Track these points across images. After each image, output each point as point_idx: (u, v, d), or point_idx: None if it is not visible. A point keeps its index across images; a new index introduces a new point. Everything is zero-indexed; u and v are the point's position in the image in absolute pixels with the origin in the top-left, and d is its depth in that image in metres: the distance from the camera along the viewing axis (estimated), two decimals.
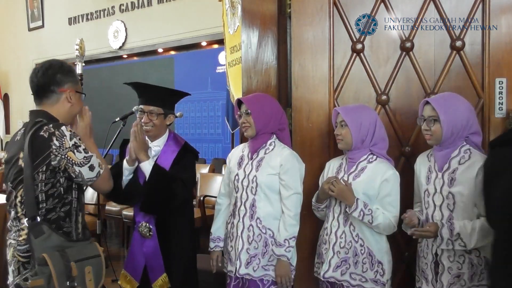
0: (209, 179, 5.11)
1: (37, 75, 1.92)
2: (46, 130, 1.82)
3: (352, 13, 2.41)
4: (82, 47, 4.36)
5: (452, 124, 1.96)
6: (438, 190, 2.03)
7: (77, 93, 1.99)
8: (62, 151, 1.81)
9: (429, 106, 2.02)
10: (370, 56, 2.41)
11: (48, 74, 1.92)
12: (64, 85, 1.94)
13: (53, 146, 1.80)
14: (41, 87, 1.93)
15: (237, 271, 2.19)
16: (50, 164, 1.81)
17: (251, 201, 2.18)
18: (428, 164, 2.10)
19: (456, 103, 2.01)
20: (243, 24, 2.63)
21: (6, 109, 10.32)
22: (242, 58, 2.65)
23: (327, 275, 2.13)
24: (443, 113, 1.97)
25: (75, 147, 1.84)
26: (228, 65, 3.85)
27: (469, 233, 1.91)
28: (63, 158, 1.82)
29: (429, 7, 2.37)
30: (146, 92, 2.35)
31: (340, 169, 2.20)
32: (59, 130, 1.83)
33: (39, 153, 1.80)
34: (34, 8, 9.70)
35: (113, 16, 8.27)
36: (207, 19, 6.45)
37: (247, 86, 2.60)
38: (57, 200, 1.85)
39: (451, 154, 2.01)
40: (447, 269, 1.99)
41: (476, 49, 2.35)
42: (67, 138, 1.83)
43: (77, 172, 1.85)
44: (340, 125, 2.16)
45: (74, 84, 1.99)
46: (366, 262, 2.10)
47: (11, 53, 10.36)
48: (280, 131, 2.24)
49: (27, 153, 1.80)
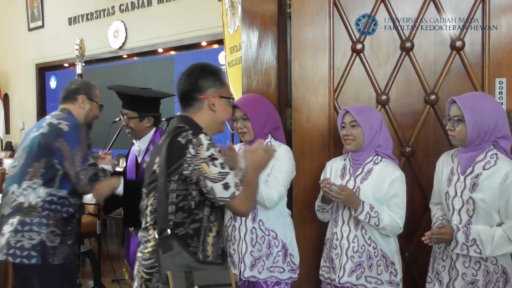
0: None
1: (180, 82, 1.78)
2: (184, 136, 1.64)
3: (352, 13, 2.41)
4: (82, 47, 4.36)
5: (478, 126, 1.85)
6: (458, 193, 1.94)
7: (222, 98, 1.78)
8: (195, 161, 1.61)
9: (455, 106, 1.92)
10: (370, 56, 2.41)
11: (189, 80, 1.76)
12: (205, 91, 1.75)
13: (188, 154, 1.61)
14: (183, 94, 1.78)
15: (242, 274, 2.17)
16: (182, 173, 1.62)
17: None
18: (451, 165, 2.01)
19: (484, 103, 1.90)
20: (243, 24, 2.63)
21: (6, 109, 10.31)
22: (242, 58, 2.65)
23: (342, 280, 2.10)
24: (468, 113, 1.85)
25: (211, 159, 1.62)
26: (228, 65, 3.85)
27: (485, 240, 1.84)
28: (195, 169, 1.61)
29: (429, 7, 2.37)
30: (122, 97, 2.47)
31: (345, 171, 2.17)
32: (197, 137, 1.63)
33: (174, 160, 1.62)
34: (34, 8, 9.69)
35: (113, 16, 8.27)
36: (207, 19, 6.44)
37: (247, 86, 2.60)
38: (187, 215, 1.65)
39: (476, 157, 1.91)
40: (461, 275, 1.93)
41: (476, 49, 2.35)
42: (203, 147, 1.62)
43: (209, 187, 1.63)
44: (350, 126, 2.10)
45: (218, 89, 1.78)
46: (380, 264, 2.08)
47: (11, 53, 10.35)
48: (275, 130, 2.24)
49: (163, 159, 1.64)
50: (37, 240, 2.16)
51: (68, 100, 2.43)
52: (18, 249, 2.15)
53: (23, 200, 2.19)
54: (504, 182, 1.84)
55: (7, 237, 2.18)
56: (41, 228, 2.17)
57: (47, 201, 2.20)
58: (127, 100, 2.44)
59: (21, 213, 2.18)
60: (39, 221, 2.17)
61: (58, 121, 2.30)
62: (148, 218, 1.71)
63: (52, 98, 9.87)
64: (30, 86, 10.06)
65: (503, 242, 1.83)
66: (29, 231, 2.16)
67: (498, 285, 1.90)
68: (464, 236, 1.88)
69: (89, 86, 2.48)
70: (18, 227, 2.17)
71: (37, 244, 2.15)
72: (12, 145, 10.33)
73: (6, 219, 2.21)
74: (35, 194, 2.19)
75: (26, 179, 2.20)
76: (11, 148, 10.14)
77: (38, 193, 2.19)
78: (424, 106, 2.38)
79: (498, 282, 1.90)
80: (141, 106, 2.41)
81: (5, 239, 2.18)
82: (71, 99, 2.42)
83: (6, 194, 2.27)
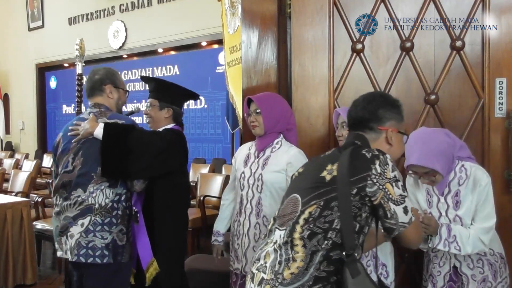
0: (209, 179, 5.11)
1: (356, 109, 1.65)
2: (368, 151, 1.50)
3: (352, 13, 2.41)
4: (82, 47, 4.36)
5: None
6: (443, 213, 1.98)
7: (399, 133, 1.66)
8: (381, 180, 1.45)
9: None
10: (370, 56, 2.41)
11: (369, 108, 1.63)
12: (385, 123, 1.62)
13: (374, 170, 1.45)
14: (358, 121, 1.64)
15: (243, 269, 2.19)
16: (364, 189, 1.45)
17: (257, 199, 2.18)
18: (424, 188, 2.03)
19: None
20: (243, 24, 2.63)
21: (6, 109, 10.33)
22: (242, 58, 2.65)
23: None
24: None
25: (395, 180, 1.48)
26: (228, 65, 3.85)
27: (465, 237, 1.90)
28: (380, 188, 1.45)
29: (429, 7, 2.36)
30: (149, 85, 2.53)
31: None
32: (384, 156, 1.49)
33: (358, 171, 1.46)
34: (34, 8, 9.70)
35: (113, 16, 8.28)
36: (207, 19, 6.45)
37: (247, 86, 2.61)
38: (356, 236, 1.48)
39: (448, 178, 1.95)
40: (471, 277, 1.98)
41: (476, 49, 2.35)
42: (389, 167, 1.48)
43: (392, 210, 1.47)
44: (341, 126, 2.15)
45: (398, 122, 1.65)
46: (370, 265, 2.09)
47: (11, 53, 10.36)
48: (288, 131, 2.24)
49: (345, 167, 1.47)
50: (109, 240, 2.14)
51: (96, 93, 2.32)
52: (90, 249, 2.12)
53: (93, 201, 2.14)
54: (476, 188, 1.91)
55: (77, 237, 2.14)
56: (111, 227, 2.15)
57: (115, 200, 2.18)
58: (152, 88, 2.48)
59: (92, 213, 2.14)
60: (110, 221, 2.15)
61: (111, 120, 2.22)
62: (299, 228, 1.47)
63: (52, 98, 9.89)
64: (30, 86, 10.07)
65: (476, 241, 1.90)
66: (101, 231, 2.14)
67: (502, 271, 2.00)
68: (446, 232, 1.93)
69: (113, 73, 2.39)
70: (90, 228, 2.13)
71: (109, 243, 2.14)
72: (12, 145, 10.34)
73: (73, 220, 2.15)
74: (103, 195, 2.15)
75: (92, 183, 2.14)
76: (11, 148, 10.15)
77: (106, 194, 2.16)
78: (424, 106, 2.38)
79: (501, 268, 2.00)
80: (164, 97, 2.44)
81: (75, 240, 2.14)
82: (99, 90, 2.32)
83: (68, 199, 2.18)
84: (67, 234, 2.16)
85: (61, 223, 2.20)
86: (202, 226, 4.51)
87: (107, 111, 2.29)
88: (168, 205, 2.34)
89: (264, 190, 2.17)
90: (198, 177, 5.24)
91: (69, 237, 2.15)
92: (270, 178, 2.16)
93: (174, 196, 2.36)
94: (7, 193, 4.99)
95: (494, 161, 2.31)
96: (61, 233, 2.19)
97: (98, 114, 2.25)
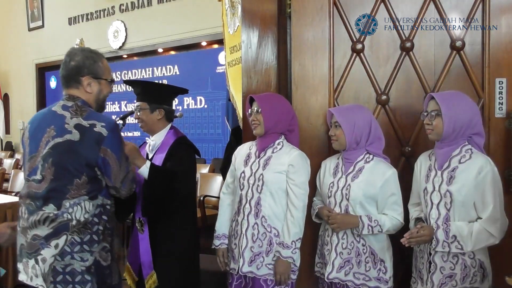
0: (209, 179, 5.11)
1: None
2: None
3: (352, 13, 2.41)
4: None
5: (454, 120, 1.95)
6: (436, 188, 2.02)
7: None
8: None
9: (433, 101, 2.02)
10: (370, 56, 2.41)
11: None
12: None
13: None
14: None
15: (240, 269, 2.18)
16: None
17: (256, 199, 2.18)
18: (428, 163, 2.09)
19: (460, 100, 2.00)
20: (243, 24, 2.63)
21: (6, 109, 10.32)
22: (242, 58, 2.65)
23: (331, 276, 2.13)
24: (445, 107, 1.96)
25: None
26: (228, 65, 3.85)
27: (465, 235, 1.91)
28: None
29: (429, 7, 2.37)
30: (134, 89, 2.48)
31: (337, 169, 2.20)
32: None
33: None
34: (34, 8, 9.69)
35: (113, 16, 8.27)
36: (207, 19, 6.45)
37: (247, 86, 2.60)
38: None
39: (451, 152, 2.00)
40: (439, 269, 1.99)
41: (476, 49, 2.35)
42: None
43: None
44: (334, 126, 2.17)
45: None
46: (368, 261, 2.11)
47: (11, 53, 10.36)
48: (289, 132, 2.24)
49: None
50: (90, 261, 1.82)
51: (72, 84, 1.96)
52: (68, 275, 1.78)
53: (69, 217, 1.80)
54: (478, 175, 1.93)
55: (51, 262, 1.78)
56: (92, 246, 1.83)
57: (96, 214, 1.86)
58: (139, 91, 2.43)
59: (69, 231, 1.80)
60: (90, 238, 1.83)
61: (88, 122, 1.86)
62: None
63: (52, 98, 9.87)
64: (30, 86, 10.06)
65: (482, 236, 1.90)
66: (81, 251, 1.80)
67: (476, 279, 1.96)
68: (444, 234, 1.93)
69: (93, 59, 1.97)
70: (66, 248, 1.79)
71: (90, 265, 1.82)
72: (12, 145, 10.34)
73: (45, 241, 1.79)
74: (82, 210, 1.83)
75: (68, 198, 1.81)
76: (11, 148, 10.15)
77: (85, 208, 1.84)
78: None
79: (475, 276, 1.96)
80: (152, 98, 2.39)
81: (48, 266, 1.79)
82: (74, 81, 1.95)
83: (36, 214, 1.83)
84: (36, 258, 1.80)
85: (28, 242, 1.82)
86: (202, 226, 4.50)
87: (84, 107, 1.92)
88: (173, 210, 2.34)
89: (264, 191, 2.16)
90: (198, 177, 5.23)
91: (41, 262, 1.79)
92: (271, 179, 2.16)
93: (179, 200, 2.36)
94: (7, 193, 4.99)
95: (494, 161, 2.29)
96: (29, 254, 1.82)
97: (73, 111, 1.89)
